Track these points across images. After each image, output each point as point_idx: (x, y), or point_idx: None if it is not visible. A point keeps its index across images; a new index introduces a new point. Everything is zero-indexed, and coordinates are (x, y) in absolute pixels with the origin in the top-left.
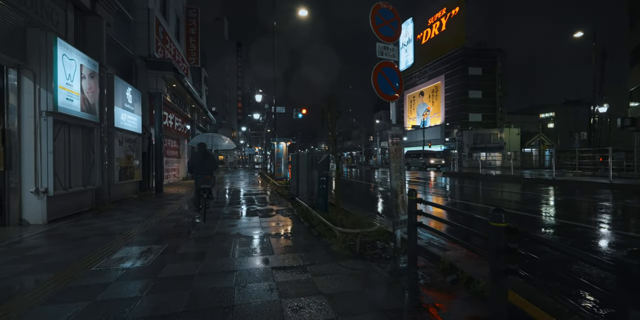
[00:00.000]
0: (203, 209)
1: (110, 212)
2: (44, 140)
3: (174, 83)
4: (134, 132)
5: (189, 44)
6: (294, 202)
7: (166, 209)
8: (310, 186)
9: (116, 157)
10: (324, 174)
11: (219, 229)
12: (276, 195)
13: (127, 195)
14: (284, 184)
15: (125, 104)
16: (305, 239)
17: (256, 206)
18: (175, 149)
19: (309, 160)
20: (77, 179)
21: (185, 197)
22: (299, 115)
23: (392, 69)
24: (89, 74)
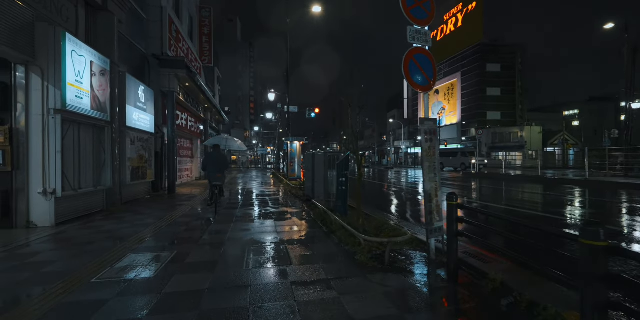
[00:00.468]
0: (214, 203)
1: (120, 213)
2: (52, 139)
3: (186, 82)
4: (147, 132)
5: (202, 43)
6: (309, 203)
7: (178, 211)
8: (327, 187)
9: (128, 157)
10: (343, 175)
11: (232, 234)
12: (290, 196)
13: (139, 196)
14: (297, 185)
15: (138, 103)
16: (325, 247)
17: (270, 208)
18: (189, 149)
19: (325, 160)
20: (87, 180)
21: (198, 198)
22: (311, 115)
23: (424, 56)
24: (99, 71)
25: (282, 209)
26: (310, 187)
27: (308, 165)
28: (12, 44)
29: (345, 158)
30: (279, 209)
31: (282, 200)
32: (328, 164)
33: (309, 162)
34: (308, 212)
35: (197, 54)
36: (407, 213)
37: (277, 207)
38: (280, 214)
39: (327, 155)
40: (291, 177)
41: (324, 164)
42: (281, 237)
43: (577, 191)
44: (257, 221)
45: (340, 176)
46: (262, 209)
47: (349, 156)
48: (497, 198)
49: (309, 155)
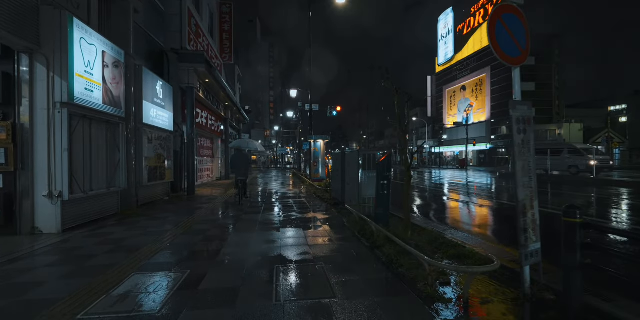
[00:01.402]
0: (240, 196)
1: (135, 217)
2: (58, 136)
3: (206, 78)
4: (165, 130)
5: (222, 40)
6: (338, 208)
7: (196, 215)
8: (362, 191)
9: (145, 156)
10: (384, 177)
11: (255, 247)
12: (315, 198)
13: (157, 198)
14: (323, 186)
15: (155, 99)
16: (373, 269)
17: (296, 214)
18: (209, 148)
19: (359, 160)
20: (99, 181)
21: (219, 200)
22: (333, 113)
23: (515, 16)
24: (112, 63)
25: (309, 215)
26: (339, 190)
27: (337, 165)
28: (14, 30)
29: (387, 158)
30: (306, 214)
31: (307, 203)
32: (363, 164)
33: (338, 162)
34: (340, 219)
35: (217, 51)
36: (459, 223)
37: (303, 211)
38: (308, 221)
39: (362, 153)
40: (314, 177)
41: (358, 164)
42: (315, 253)
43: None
44: (283, 230)
45: (381, 178)
46: (287, 214)
47: (391, 155)
48: (610, 209)
49: (339, 154)
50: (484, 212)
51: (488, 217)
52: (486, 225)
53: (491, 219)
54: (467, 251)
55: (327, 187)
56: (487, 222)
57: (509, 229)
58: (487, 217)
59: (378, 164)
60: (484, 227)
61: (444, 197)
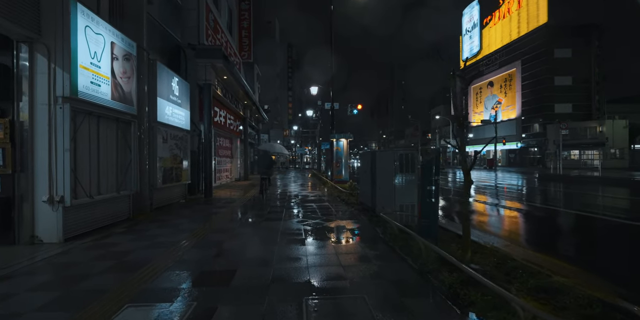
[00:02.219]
0: (264, 192)
1: (146, 224)
2: (59, 134)
3: (224, 74)
4: (181, 128)
5: (241, 37)
6: (368, 215)
7: (212, 222)
8: (399, 197)
9: (159, 156)
10: (431, 181)
11: (278, 268)
12: (340, 203)
13: (173, 200)
14: (347, 189)
15: (171, 96)
16: (436, 308)
17: (322, 221)
18: (228, 148)
19: (395, 160)
20: (108, 184)
21: (237, 203)
22: (354, 112)
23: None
24: (123, 56)
25: (336, 223)
26: (368, 194)
27: (365, 166)
28: (13, 17)
29: (434, 157)
30: (332, 221)
31: (332, 208)
32: (400, 166)
33: (367, 163)
34: (372, 230)
35: (236, 48)
36: (519, 236)
37: (329, 218)
38: (337, 232)
39: (399, 153)
40: (337, 179)
41: (394, 166)
42: (351, 278)
43: None
44: (309, 243)
45: (427, 183)
46: (311, 222)
47: (439, 155)
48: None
49: (367, 153)
50: (547, 224)
51: (557, 231)
52: (560, 243)
53: (563, 233)
54: (556, 283)
55: (353, 190)
56: (559, 238)
57: (602, 248)
58: (555, 230)
59: (423, 165)
60: (558, 245)
61: (487, 202)
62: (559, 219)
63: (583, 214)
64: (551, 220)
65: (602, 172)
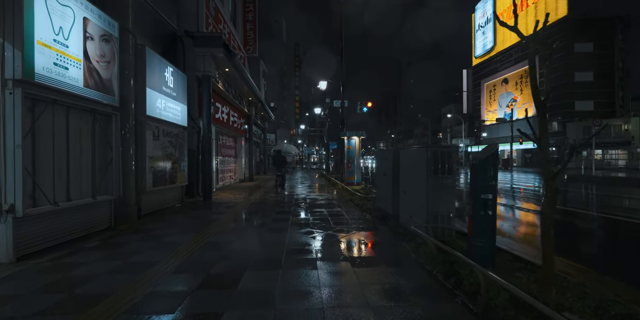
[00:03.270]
0: (277, 186)
1: (126, 235)
2: (9, 126)
3: (225, 66)
4: (177, 125)
5: (246, 30)
6: (390, 225)
7: (206, 232)
8: (431, 204)
9: (149, 155)
10: (487, 187)
11: (281, 312)
12: (354, 208)
13: (167, 204)
14: (362, 192)
15: (164, 88)
16: None
17: (336, 233)
18: (232, 147)
19: (428, 159)
20: (81, 188)
21: (239, 207)
22: (364, 109)
23: None
24: (100, 36)
25: (353, 235)
26: (388, 199)
27: (383, 166)
28: None
29: (491, 155)
30: (348, 234)
31: (346, 215)
32: (433, 166)
33: (387, 163)
34: (399, 245)
35: (240, 42)
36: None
37: (344, 229)
38: (356, 248)
39: (431, 150)
40: (348, 180)
41: (425, 166)
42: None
43: None
44: (322, 267)
45: (481, 190)
46: (323, 234)
47: (497, 153)
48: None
49: (387, 152)
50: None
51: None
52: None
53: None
54: None
55: (367, 193)
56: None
57: None
58: (631, 246)
59: (475, 165)
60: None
61: (527, 209)
62: (626, 231)
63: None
64: (616, 232)
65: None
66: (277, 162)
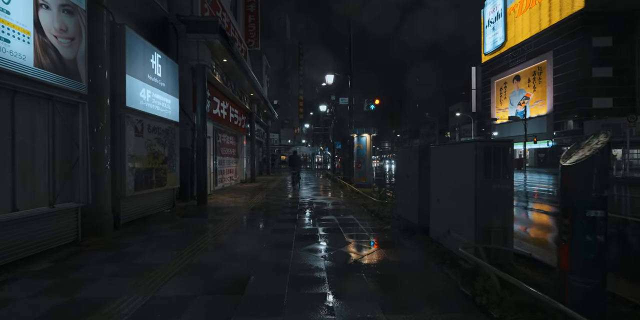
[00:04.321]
0: (294, 183)
1: (90, 254)
2: None
3: (223, 56)
4: (167, 119)
5: (247, 23)
6: (414, 237)
7: (196, 245)
8: (482, 217)
9: (130, 154)
10: (594, 200)
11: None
12: (368, 215)
13: (154, 210)
14: (375, 197)
15: (150, 77)
16: None
17: (352, 250)
18: (232, 146)
19: (477, 157)
20: (34, 194)
21: (237, 214)
22: (371, 107)
23: None
24: (59, 5)
25: (376, 256)
26: (413, 207)
27: (406, 167)
28: None
29: (600, 152)
30: (367, 252)
31: (361, 225)
32: (485, 168)
33: (410, 163)
34: (441, 273)
35: (242, 34)
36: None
37: (362, 246)
38: (383, 278)
39: (482, 146)
40: (358, 182)
41: (473, 166)
42: None
43: None
44: (340, 312)
45: (586, 204)
46: (337, 254)
47: (609, 147)
48: None
49: (411, 150)
50: None
51: None
52: None
53: None
54: None
55: (382, 198)
56: None
57: None
58: None
59: (573, 167)
60: None
61: None
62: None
63: None
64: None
65: None
66: (293, 162)
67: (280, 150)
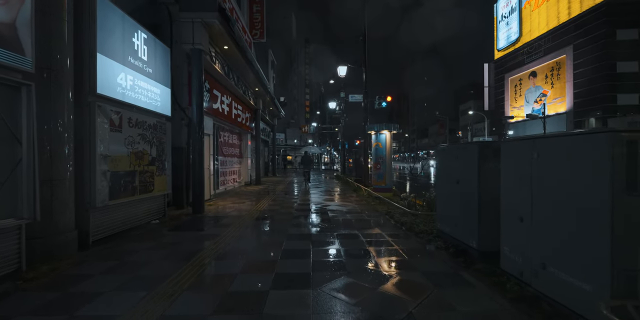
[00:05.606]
0: (306, 181)
1: (24, 294)
2: None
3: (224, 42)
4: (155, 113)
5: (252, 12)
6: (473, 266)
7: (178, 280)
8: (626, 257)
9: (102, 153)
10: None
11: None
12: (399, 230)
13: (139, 221)
14: (402, 203)
15: (132, 59)
16: None
17: (397, 292)
18: (236, 146)
19: (617, 163)
20: None
21: (236, 226)
22: (382, 104)
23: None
24: None
25: (436, 301)
26: (469, 223)
27: (455, 169)
28: None
29: None
30: (422, 293)
31: (395, 245)
32: (626, 177)
33: (462, 165)
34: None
35: (246, 25)
36: None
37: (409, 283)
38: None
39: (625, 139)
40: (377, 185)
41: (611, 176)
42: None
43: None
44: None
45: None
46: (376, 301)
47: None
48: None
49: (466, 148)
50: None
51: None
52: None
53: None
54: None
55: (410, 206)
56: None
57: None
58: None
59: None
60: None
61: None
62: None
63: None
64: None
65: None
66: (305, 161)
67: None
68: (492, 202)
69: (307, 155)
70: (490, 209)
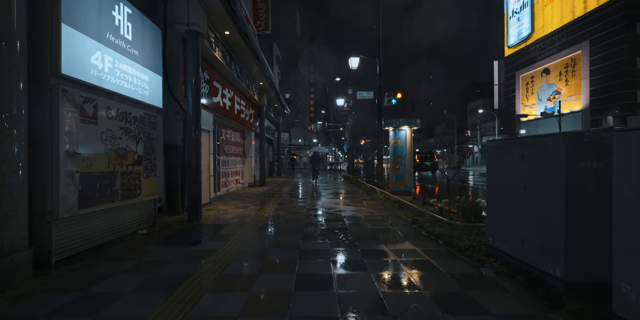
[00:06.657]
0: (315, 178)
1: None
2: None
3: (225, 26)
4: (142, 103)
5: (256, 3)
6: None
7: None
8: None
9: (69, 150)
10: None
11: None
12: (434, 244)
13: (121, 232)
14: (432, 209)
15: (112, 37)
16: None
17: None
18: (239, 144)
19: None
20: None
21: (241, 236)
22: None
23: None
24: None
25: None
26: (544, 243)
27: (516, 172)
28: None
29: None
30: None
31: (438, 266)
32: None
33: (528, 166)
34: None
35: (250, 15)
36: None
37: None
38: None
39: None
40: (395, 187)
41: None
42: None
43: None
44: None
45: None
46: None
47: None
48: None
49: (545, 141)
50: None
51: None
52: None
53: None
54: None
55: (441, 213)
56: None
57: None
58: None
59: None
60: None
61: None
62: None
63: None
64: None
65: None
66: (314, 160)
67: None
68: (588, 217)
69: (316, 155)
70: (584, 226)
